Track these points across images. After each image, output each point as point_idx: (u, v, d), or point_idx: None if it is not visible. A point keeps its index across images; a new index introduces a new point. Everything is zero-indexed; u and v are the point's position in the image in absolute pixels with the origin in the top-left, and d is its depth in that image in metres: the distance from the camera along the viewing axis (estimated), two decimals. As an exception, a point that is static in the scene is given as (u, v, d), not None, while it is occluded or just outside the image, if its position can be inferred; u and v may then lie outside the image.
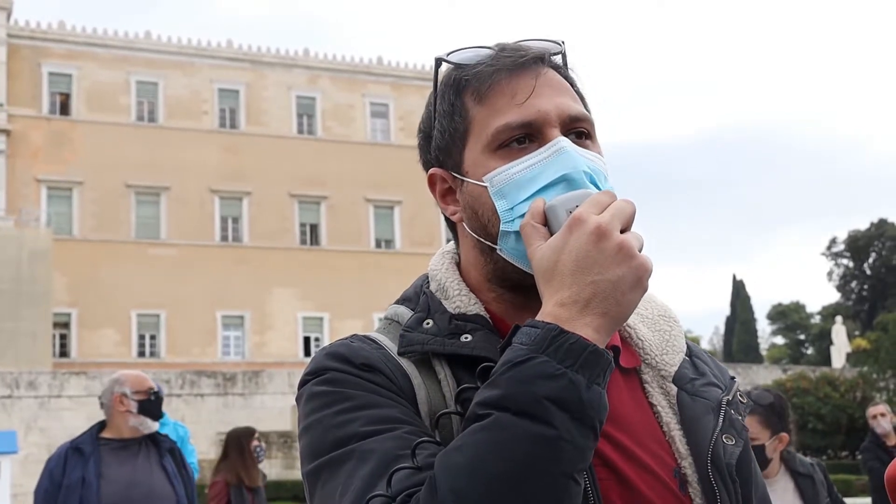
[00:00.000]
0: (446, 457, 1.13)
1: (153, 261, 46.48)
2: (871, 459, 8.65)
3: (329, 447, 1.24)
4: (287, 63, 51.34)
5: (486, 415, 1.13)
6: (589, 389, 1.13)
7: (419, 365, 1.33)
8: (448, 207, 1.43)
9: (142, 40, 49.19)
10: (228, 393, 33.25)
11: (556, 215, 1.25)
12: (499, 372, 1.16)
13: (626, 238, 1.19)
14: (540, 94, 1.35)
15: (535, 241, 1.25)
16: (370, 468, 1.19)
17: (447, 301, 1.40)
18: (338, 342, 1.37)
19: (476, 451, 1.11)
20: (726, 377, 1.49)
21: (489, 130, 1.35)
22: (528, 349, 1.15)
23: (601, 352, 1.16)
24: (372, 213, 51.30)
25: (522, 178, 1.31)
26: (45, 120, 46.54)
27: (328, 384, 1.30)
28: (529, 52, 1.38)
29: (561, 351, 1.14)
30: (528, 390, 1.12)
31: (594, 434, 1.14)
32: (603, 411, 1.15)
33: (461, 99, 1.39)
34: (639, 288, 1.19)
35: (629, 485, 1.30)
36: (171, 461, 5.43)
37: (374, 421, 1.24)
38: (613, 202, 1.23)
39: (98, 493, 5.15)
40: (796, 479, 4.87)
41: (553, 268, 1.20)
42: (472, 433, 1.13)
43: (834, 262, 74.34)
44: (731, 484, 1.36)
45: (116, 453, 5.33)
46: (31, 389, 30.51)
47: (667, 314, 1.51)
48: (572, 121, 1.36)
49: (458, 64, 1.40)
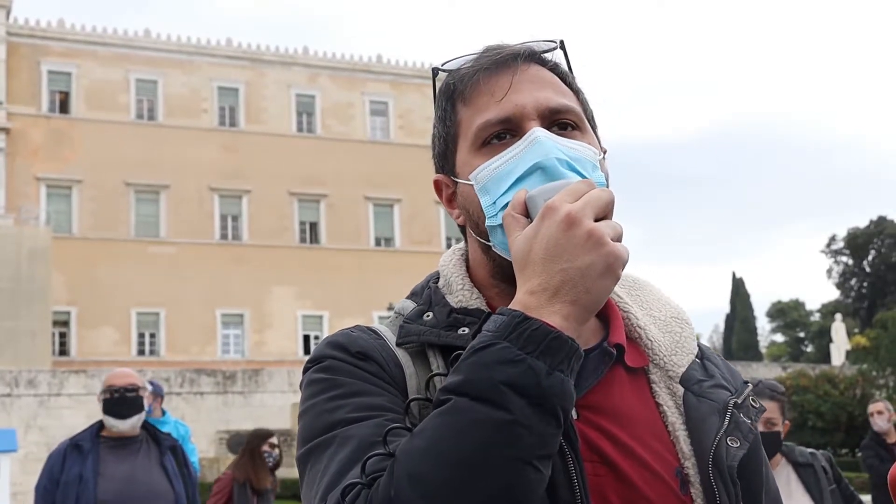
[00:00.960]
0: (408, 441, 1.15)
1: (153, 259, 46.47)
2: (870, 457, 8.69)
3: (318, 432, 1.27)
4: (286, 61, 51.32)
5: (446, 399, 1.15)
6: (549, 376, 1.13)
7: (415, 356, 1.35)
8: (453, 211, 1.46)
9: (141, 38, 49.17)
10: (228, 391, 33.25)
11: (535, 205, 1.26)
12: (463, 357, 1.17)
13: (597, 226, 1.18)
14: (518, 89, 1.37)
15: (514, 231, 1.25)
16: (346, 453, 1.21)
17: (451, 295, 1.42)
18: (340, 332, 1.40)
19: (434, 435, 1.13)
20: (738, 381, 1.49)
21: (472, 129, 1.38)
22: (492, 335, 1.16)
23: (565, 338, 1.15)
24: (371, 212, 51.29)
25: (501, 172, 1.33)
26: (45, 118, 46.52)
27: (324, 371, 1.33)
28: (506, 50, 1.40)
29: (522, 337, 1.14)
30: (487, 375, 1.13)
31: (556, 421, 1.14)
32: (567, 399, 1.15)
33: (451, 104, 1.43)
34: (609, 275, 1.19)
35: (627, 481, 1.30)
36: (171, 459, 5.42)
37: (360, 408, 1.26)
38: (589, 191, 1.23)
39: (95, 490, 5.15)
40: (797, 470, 4.99)
41: (526, 256, 1.21)
42: (433, 417, 1.15)
43: (833, 259, 74.36)
44: (731, 486, 1.35)
45: (116, 451, 5.34)
46: (30, 388, 30.51)
47: (680, 316, 1.51)
48: (553, 113, 1.36)
49: (448, 71, 1.43)
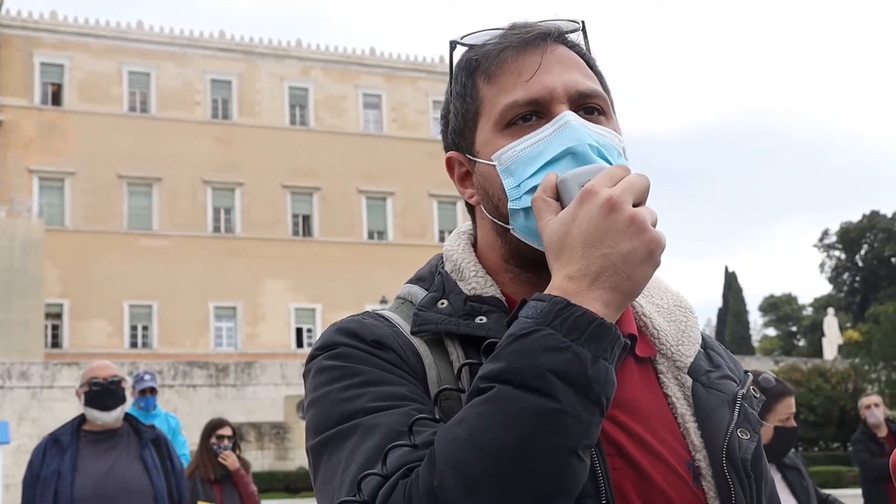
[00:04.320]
0: (447, 430, 1.12)
1: (145, 252, 46.40)
2: (861, 451, 8.66)
3: (335, 421, 1.23)
4: (280, 54, 51.22)
5: (488, 388, 1.11)
6: (595, 364, 1.10)
7: (431, 345, 1.31)
8: (465, 190, 1.41)
9: (134, 30, 49.04)
10: (221, 384, 33.26)
11: (567, 189, 1.23)
12: (503, 345, 1.13)
13: (639, 211, 1.16)
14: (547, 70, 1.32)
15: (545, 215, 1.22)
16: (374, 442, 1.17)
17: (463, 282, 1.37)
18: (349, 318, 1.35)
19: (477, 424, 1.09)
20: (740, 370, 1.46)
21: (497, 109, 1.33)
22: (533, 322, 1.13)
23: (609, 325, 1.13)
24: (364, 205, 51.25)
25: (528, 154, 1.29)
26: (37, 110, 46.39)
27: (337, 359, 1.28)
28: (536, 29, 1.35)
29: (567, 324, 1.11)
30: (532, 363, 1.10)
31: (600, 410, 1.11)
32: (610, 387, 1.12)
33: (472, 80, 1.37)
34: (650, 262, 1.16)
35: (644, 475, 1.27)
36: (151, 453, 5.29)
37: (381, 397, 1.22)
38: (626, 175, 1.20)
39: (72, 485, 5.07)
40: (783, 472, 4.89)
41: (563, 241, 1.18)
42: (474, 406, 1.11)
43: (826, 253, 74.35)
44: (745, 479, 1.33)
45: (95, 445, 5.25)
46: (23, 380, 30.49)
47: (682, 304, 1.48)
48: (581, 97, 1.33)
49: (469, 45, 1.38)
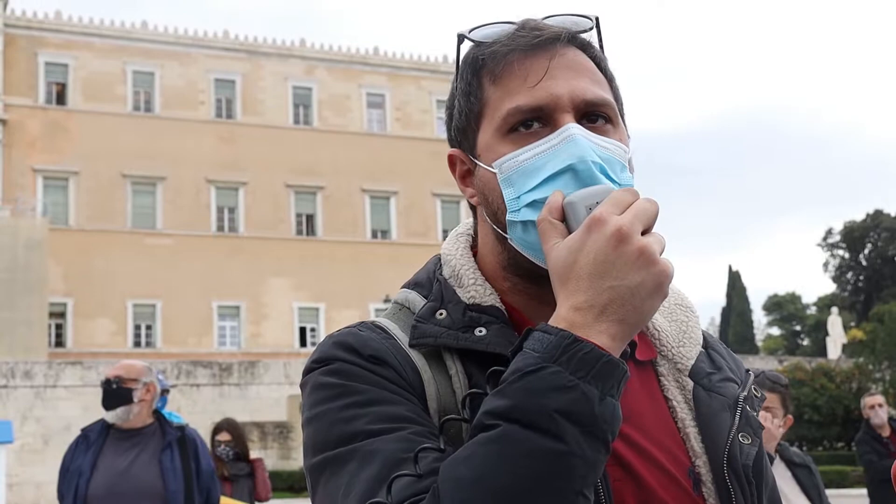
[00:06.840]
0: (452, 467, 1.08)
1: (149, 251, 46.44)
2: (867, 453, 8.59)
3: (334, 443, 1.20)
4: (283, 53, 51.24)
5: (494, 425, 1.08)
6: (602, 402, 1.07)
7: (429, 358, 1.28)
8: (467, 190, 1.37)
9: (138, 30, 49.09)
10: (224, 383, 33.24)
11: (574, 212, 1.18)
12: (508, 380, 1.10)
13: (648, 242, 1.12)
14: (554, 76, 1.27)
15: (551, 238, 1.17)
16: (373, 471, 1.15)
17: (461, 289, 1.34)
18: (346, 330, 1.31)
19: (483, 464, 1.06)
20: (741, 370, 1.44)
21: (500, 113, 1.29)
22: (539, 357, 1.09)
23: (617, 362, 1.09)
24: (368, 204, 51.26)
25: (530, 166, 1.25)
26: (42, 109, 46.45)
27: (335, 375, 1.24)
28: (546, 31, 1.30)
29: (574, 361, 1.08)
30: (539, 402, 1.06)
31: (605, 448, 1.08)
32: (616, 424, 1.09)
33: (478, 79, 1.33)
34: (658, 294, 1.13)
35: (643, 485, 1.25)
36: (172, 454, 5.25)
37: (380, 419, 1.19)
38: (635, 202, 1.15)
39: (88, 483, 5.11)
40: (793, 469, 4.89)
41: (569, 269, 1.14)
42: (479, 444, 1.08)
43: (830, 252, 74.34)
44: (746, 485, 1.31)
45: (120, 443, 5.27)
46: (26, 379, 30.48)
47: (684, 303, 1.45)
48: (588, 105, 1.28)
49: (477, 41, 1.33)
